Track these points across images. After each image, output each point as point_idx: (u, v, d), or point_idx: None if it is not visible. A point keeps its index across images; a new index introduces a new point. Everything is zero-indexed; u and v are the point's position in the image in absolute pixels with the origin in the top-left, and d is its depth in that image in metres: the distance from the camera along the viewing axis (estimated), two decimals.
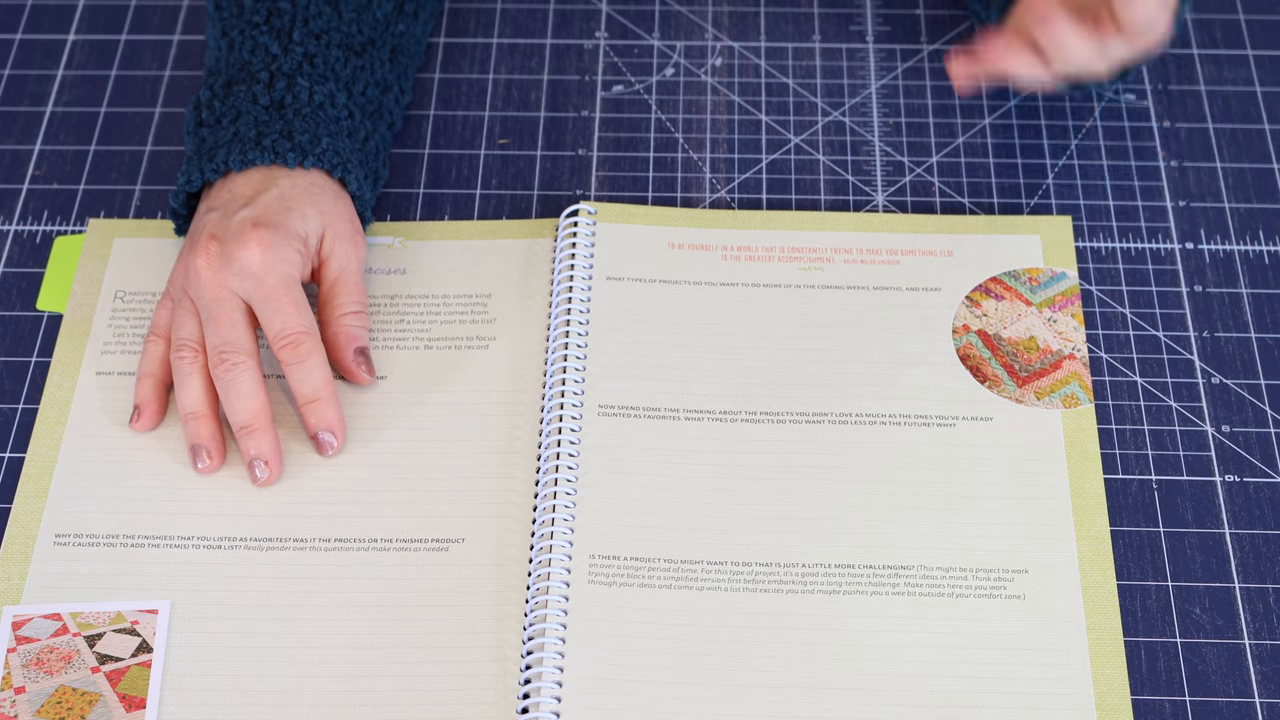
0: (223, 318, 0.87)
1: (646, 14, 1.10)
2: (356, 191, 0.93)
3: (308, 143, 0.91)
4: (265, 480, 0.87)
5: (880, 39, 1.08)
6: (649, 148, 1.03)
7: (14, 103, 1.05)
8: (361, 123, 0.95)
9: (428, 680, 0.82)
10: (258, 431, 0.87)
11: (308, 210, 0.90)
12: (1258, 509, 0.88)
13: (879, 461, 0.89)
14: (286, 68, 0.94)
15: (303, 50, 0.94)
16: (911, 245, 0.97)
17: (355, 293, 0.91)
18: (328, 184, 0.92)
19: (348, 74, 0.95)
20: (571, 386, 0.91)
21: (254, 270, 0.87)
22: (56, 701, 0.81)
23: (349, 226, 0.92)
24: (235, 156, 0.90)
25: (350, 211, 0.93)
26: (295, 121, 0.92)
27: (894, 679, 0.81)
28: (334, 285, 0.91)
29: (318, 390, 0.88)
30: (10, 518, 0.87)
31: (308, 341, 0.88)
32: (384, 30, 0.99)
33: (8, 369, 0.93)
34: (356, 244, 0.92)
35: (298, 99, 0.93)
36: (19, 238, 0.99)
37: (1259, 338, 0.94)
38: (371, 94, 0.97)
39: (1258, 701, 0.81)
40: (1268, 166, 1.01)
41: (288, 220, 0.89)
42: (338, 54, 0.95)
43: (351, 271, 0.91)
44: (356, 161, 0.94)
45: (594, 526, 0.86)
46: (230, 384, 0.87)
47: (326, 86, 0.94)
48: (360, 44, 0.97)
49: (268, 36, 0.95)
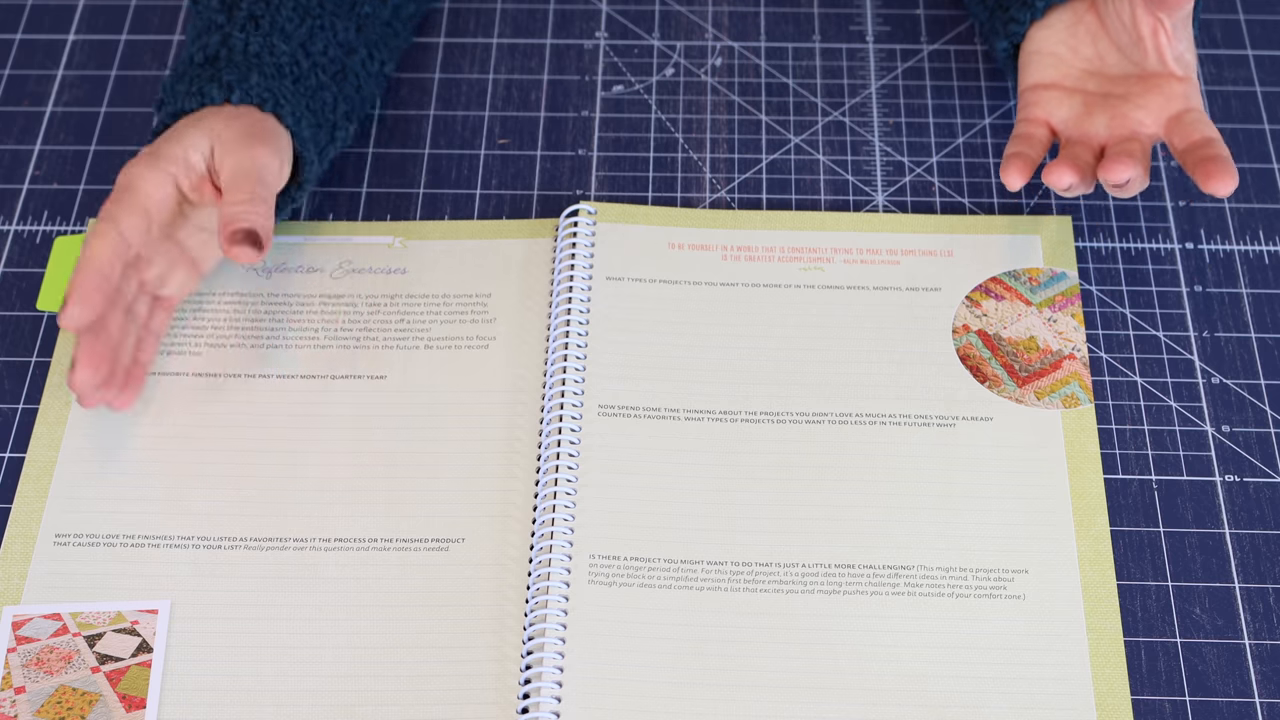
0: None
1: (646, 14, 1.10)
2: (293, 126, 0.92)
3: (235, 80, 0.91)
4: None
5: (880, 39, 1.08)
6: (649, 148, 1.03)
7: (14, 103, 1.05)
8: (312, 73, 0.95)
9: (428, 680, 0.82)
10: None
11: (189, 131, 0.90)
12: (1258, 509, 0.88)
13: (879, 461, 0.89)
14: (228, 29, 0.94)
15: (247, 13, 0.95)
16: (911, 245, 0.97)
17: (241, 185, 0.88)
18: (242, 111, 0.91)
19: (302, 33, 0.95)
20: (571, 386, 0.91)
21: (119, 187, 0.88)
22: (56, 701, 0.81)
23: (244, 136, 0.90)
24: (166, 113, 0.91)
25: (254, 129, 0.91)
26: (226, 69, 0.92)
27: (894, 679, 0.81)
28: (226, 188, 0.89)
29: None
30: (10, 518, 0.87)
31: (107, 205, 0.88)
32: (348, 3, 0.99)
33: (8, 369, 0.93)
34: (253, 151, 0.89)
35: (231, 50, 0.93)
36: (19, 238, 0.99)
37: (1259, 338, 0.94)
38: (334, 53, 0.96)
39: (1258, 701, 0.81)
40: (1268, 166, 1.01)
41: (161, 146, 0.89)
42: (288, 14, 0.95)
43: (245, 172, 0.89)
44: (299, 103, 0.93)
45: (594, 526, 0.86)
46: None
47: (268, 39, 0.94)
48: (316, 6, 0.96)
49: (220, 14, 0.95)
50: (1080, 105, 0.92)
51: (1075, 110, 0.92)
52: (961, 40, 1.07)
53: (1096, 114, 0.92)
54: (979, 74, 1.06)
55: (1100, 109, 0.92)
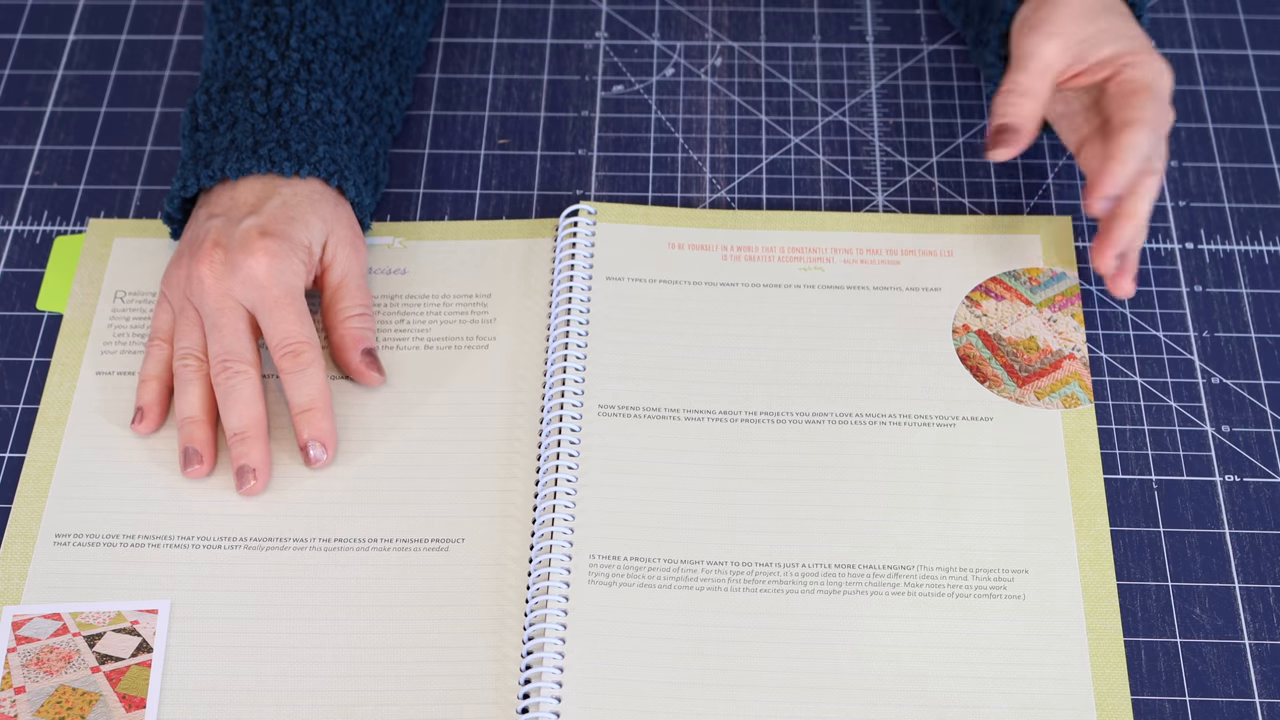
0: (226, 327, 0.87)
1: (646, 14, 1.10)
2: (355, 198, 0.93)
3: (304, 151, 0.91)
4: (251, 490, 0.87)
5: (880, 39, 1.08)
6: (649, 148, 1.03)
7: (14, 103, 1.05)
8: (360, 128, 0.95)
9: (428, 680, 0.82)
10: (251, 439, 0.87)
11: (311, 219, 0.90)
12: (1258, 509, 0.88)
13: (879, 461, 0.89)
14: (284, 74, 0.94)
15: (300, 56, 0.94)
16: (911, 245, 0.97)
17: (359, 296, 0.92)
18: (326, 191, 0.92)
19: (345, 79, 0.95)
20: (571, 386, 0.91)
21: (260, 280, 0.87)
22: (56, 701, 0.81)
23: (350, 232, 0.92)
24: (232, 165, 0.90)
25: (350, 217, 0.93)
26: (292, 130, 0.92)
27: (894, 679, 0.81)
28: (337, 290, 0.91)
29: (314, 400, 0.88)
30: (10, 518, 0.87)
31: (308, 351, 0.88)
32: (383, 33, 0.99)
33: (8, 369, 0.93)
34: (358, 249, 0.92)
35: (294, 107, 0.93)
36: (19, 238, 0.99)
37: (1259, 338, 0.94)
38: (370, 98, 0.97)
39: (1258, 701, 0.81)
40: (1268, 166, 1.01)
41: (292, 229, 0.89)
42: (335, 59, 0.95)
43: (354, 276, 0.92)
44: (355, 168, 0.94)
45: (594, 526, 0.86)
46: (230, 391, 0.87)
47: (324, 93, 0.94)
48: (359, 48, 0.97)
49: (265, 42, 0.95)
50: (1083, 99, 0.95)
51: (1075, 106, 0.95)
52: (961, 40, 1.07)
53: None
54: (979, 74, 1.06)
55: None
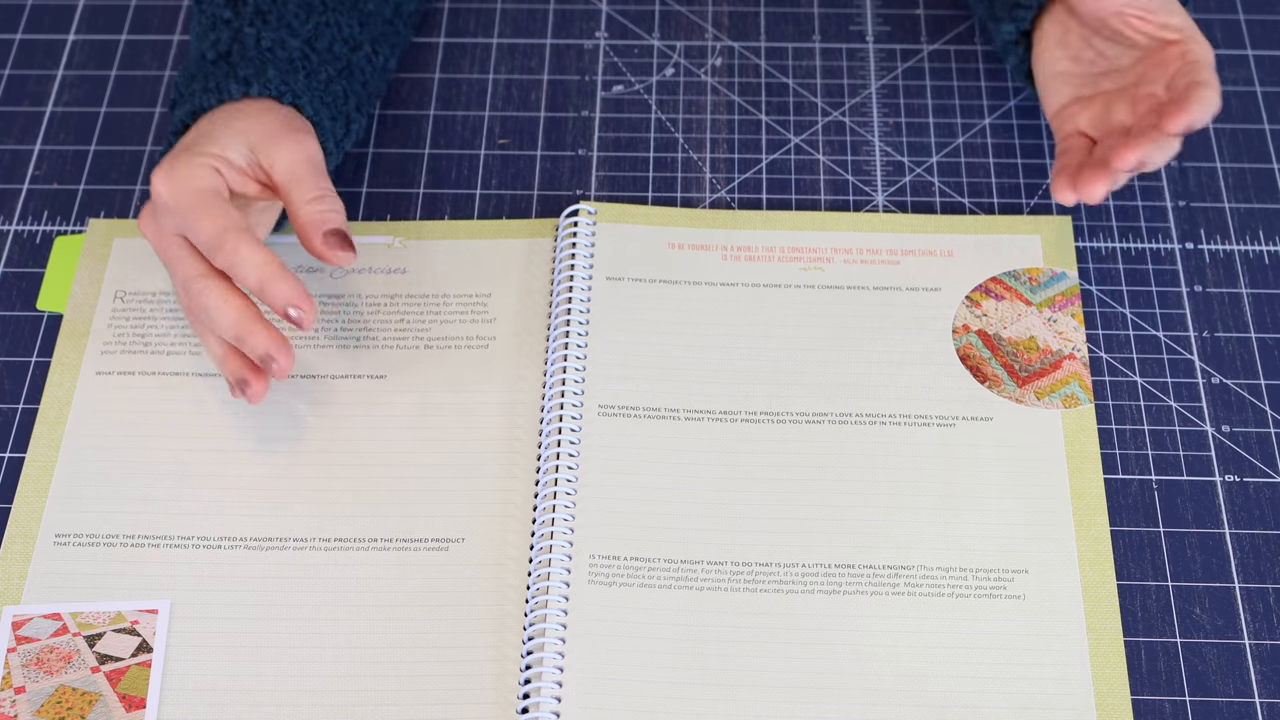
0: (171, 260, 0.87)
1: (646, 14, 1.10)
2: (314, 117, 0.92)
3: (252, 75, 0.91)
4: (280, 369, 0.85)
5: (880, 39, 1.08)
6: (649, 148, 1.03)
7: (14, 103, 1.05)
8: (321, 68, 0.94)
9: (428, 680, 0.82)
10: (247, 333, 0.85)
11: (221, 132, 0.89)
12: (1258, 509, 0.88)
13: (879, 461, 0.89)
14: (235, 23, 0.94)
15: (254, 8, 0.94)
16: (911, 245, 0.97)
17: (312, 181, 0.88)
18: (270, 106, 0.90)
19: (309, 29, 0.95)
20: (571, 386, 0.91)
21: (165, 201, 0.86)
22: (56, 701, 0.81)
23: (283, 129, 0.89)
24: (184, 111, 0.91)
25: (288, 116, 0.91)
26: (240, 65, 0.92)
27: (894, 679, 0.81)
28: (289, 184, 0.88)
29: (261, 272, 0.84)
30: (10, 518, 0.87)
31: (230, 238, 0.85)
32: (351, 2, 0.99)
33: (8, 369, 0.93)
34: (300, 141, 0.89)
35: (244, 46, 0.92)
36: (19, 238, 0.99)
37: (1259, 338, 0.94)
38: (339, 50, 0.96)
39: (1258, 701, 0.81)
40: (1268, 166, 1.01)
41: (196, 145, 0.88)
42: (294, 10, 0.95)
43: (302, 164, 0.88)
44: (314, 95, 0.93)
45: (594, 526, 0.86)
46: (204, 311, 0.86)
47: (277, 33, 0.93)
48: (320, 3, 0.96)
49: (226, 9, 0.95)
50: (1101, 106, 0.93)
51: (1097, 112, 0.94)
52: (961, 40, 1.07)
53: (1115, 106, 0.93)
54: (979, 74, 1.06)
55: (1118, 101, 0.93)
